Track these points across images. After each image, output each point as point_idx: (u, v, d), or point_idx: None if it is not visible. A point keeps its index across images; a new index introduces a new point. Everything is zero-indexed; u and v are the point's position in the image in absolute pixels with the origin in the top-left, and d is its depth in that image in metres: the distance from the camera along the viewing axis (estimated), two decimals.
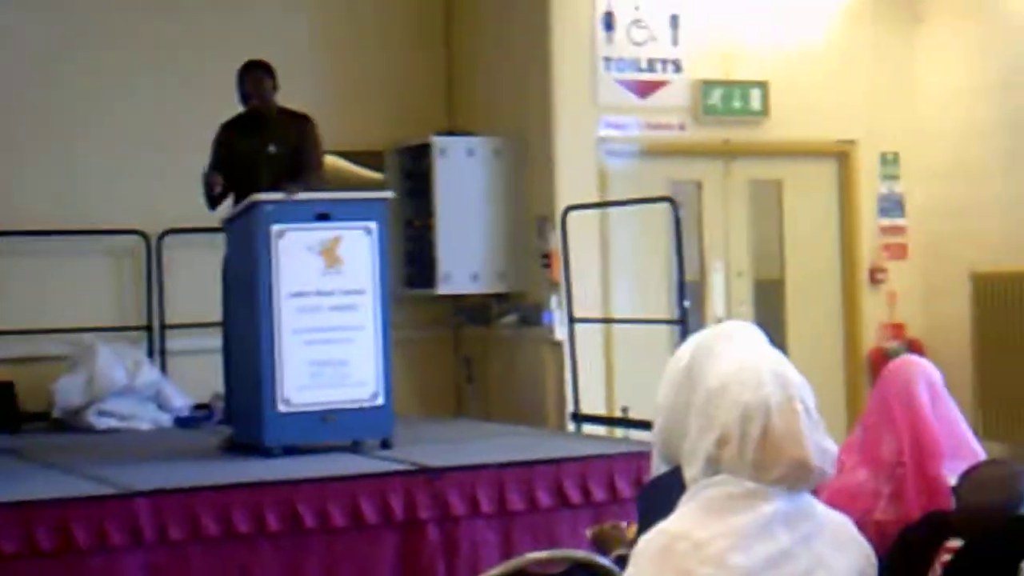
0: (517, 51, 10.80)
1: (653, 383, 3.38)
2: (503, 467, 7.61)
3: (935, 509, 4.32)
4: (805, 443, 2.95)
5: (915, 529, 4.20)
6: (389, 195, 8.76)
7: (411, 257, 11.03)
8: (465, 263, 10.72)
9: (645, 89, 10.72)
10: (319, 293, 8.07)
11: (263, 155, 8.50)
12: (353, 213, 8.20)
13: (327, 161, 9.08)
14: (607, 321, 10.40)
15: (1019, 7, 10.84)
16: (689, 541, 2.89)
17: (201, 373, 9.87)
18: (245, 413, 8.29)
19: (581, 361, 9.98)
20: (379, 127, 11.19)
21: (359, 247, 8.16)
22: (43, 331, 10.19)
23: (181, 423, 10.10)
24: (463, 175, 10.75)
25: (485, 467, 7.60)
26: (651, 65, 10.74)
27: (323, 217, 8.11)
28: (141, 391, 10.07)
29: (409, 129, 11.10)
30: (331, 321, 8.09)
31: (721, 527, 2.90)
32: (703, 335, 3.30)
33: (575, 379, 9.91)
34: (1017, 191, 10.80)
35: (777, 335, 10.11)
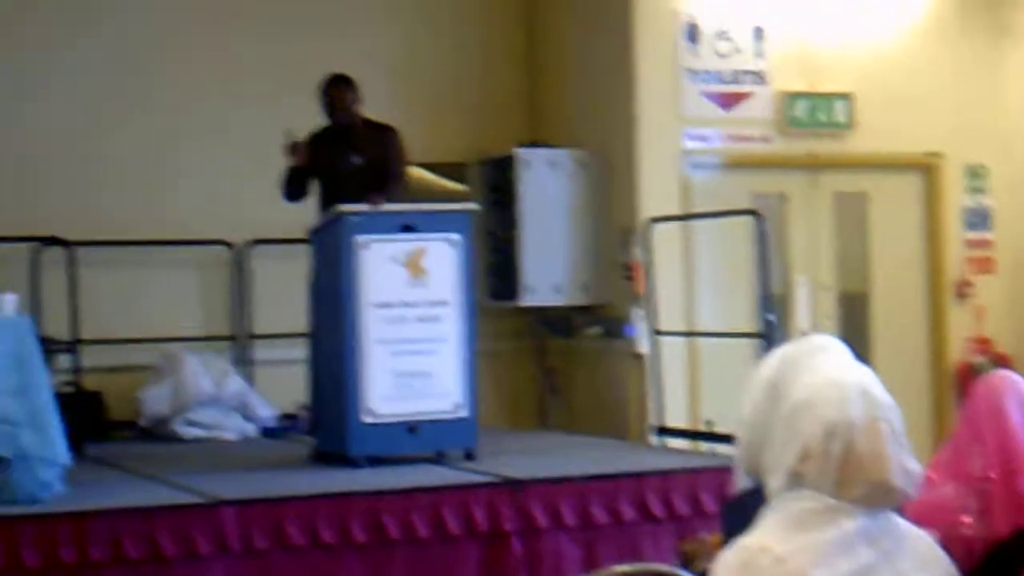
0: (601, 63, 10.80)
1: (737, 397, 3.36)
2: (586, 480, 7.61)
3: None
4: (888, 464, 2.93)
5: (1003, 546, 4.16)
6: (473, 207, 8.79)
7: (495, 269, 11.05)
8: (548, 275, 10.72)
9: (729, 101, 10.69)
10: (404, 304, 8.10)
11: (348, 167, 8.54)
12: (437, 225, 8.23)
13: (411, 173, 9.11)
14: (690, 334, 10.37)
15: None
16: (770, 556, 2.87)
17: (286, 383, 9.93)
18: (330, 424, 8.33)
19: (664, 374, 9.96)
20: (463, 139, 11.23)
21: (443, 259, 8.18)
22: (131, 341, 10.28)
23: (267, 433, 10.17)
24: (546, 187, 10.76)
25: (568, 480, 7.60)
26: (735, 77, 10.71)
27: (408, 228, 8.14)
28: (227, 401, 10.14)
29: (493, 141, 11.13)
30: (416, 332, 8.12)
31: (803, 542, 2.88)
32: (788, 348, 3.28)
33: (658, 392, 9.89)
34: None
35: (862, 349, 10.03)
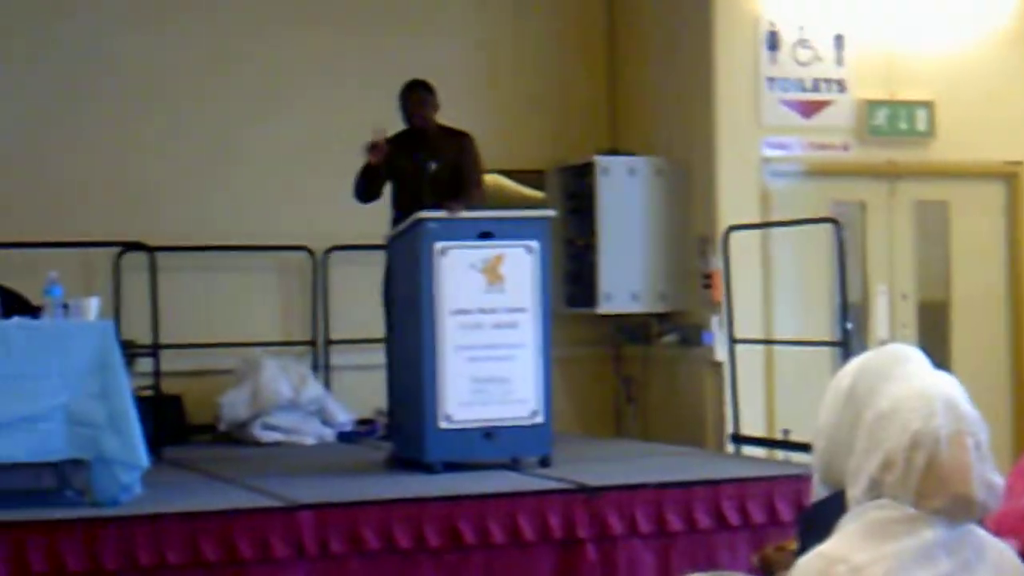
0: (680, 70, 10.79)
1: (814, 405, 3.35)
2: (662, 487, 7.59)
3: None
4: (971, 478, 2.91)
5: None
6: (551, 214, 8.79)
7: (572, 276, 11.06)
8: (626, 282, 10.72)
9: (809, 109, 10.65)
10: (481, 311, 8.12)
11: (425, 173, 8.55)
12: (515, 232, 8.24)
13: (489, 179, 9.13)
14: (768, 342, 10.34)
15: None
16: (847, 565, 2.86)
17: (363, 388, 9.99)
18: (407, 429, 8.37)
19: (741, 382, 9.92)
20: (541, 146, 11.24)
21: (521, 265, 8.19)
22: (211, 345, 10.37)
23: (344, 438, 10.22)
24: (625, 194, 10.76)
25: (644, 487, 7.59)
26: (815, 85, 10.67)
27: (486, 235, 8.15)
28: (305, 406, 10.19)
29: (571, 148, 11.15)
30: (493, 339, 8.14)
31: (880, 551, 2.87)
32: (866, 357, 3.27)
33: (735, 400, 9.85)
34: None
35: (941, 358, 9.96)
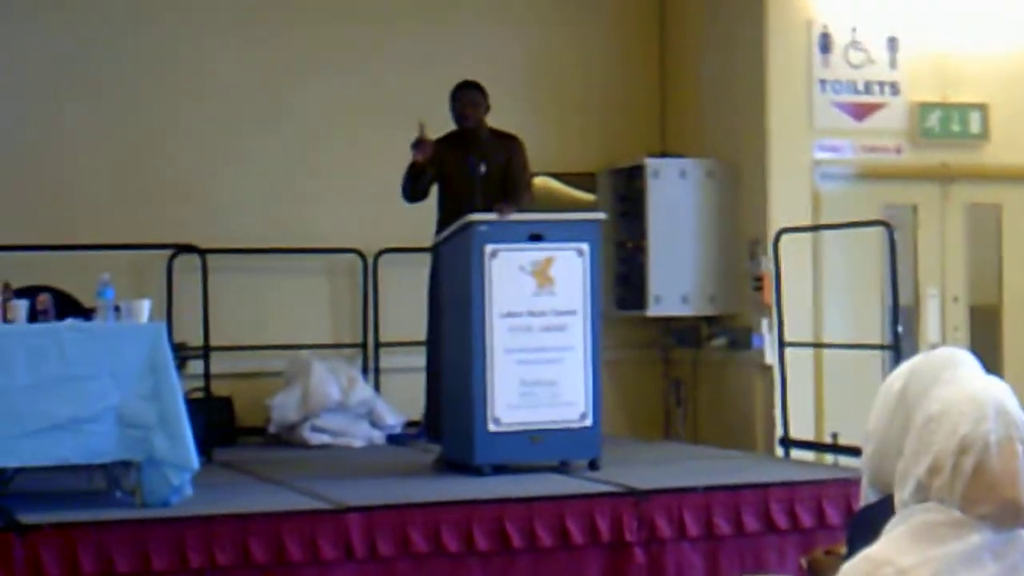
0: (732, 72, 10.76)
1: (864, 409, 3.33)
2: (710, 491, 7.58)
3: None
4: (1020, 484, 2.88)
5: None
6: (601, 216, 8.78)
7: (622, 278, 11.04)
8: (676, 285, 10.70)
9: (861, 112, 10.60)
10: (531, 313, 8.11)
11: (475, 175, 8.55)
12: (565, 234, 8.23)
13: (539, 182, 9.12)
14: (818, 346, 10.29)
15: None
16: (894, 568, 2.85)
17: (412, 390, 9.97)
18: (456, 431, 8.37)
19: (791, 386, 9.88)
20: (592, 149, 11.23)
21: (571, 268, 8.18)
22: (261, 347, 10.41)
23: (393, 440, 10.23)
24: (675, 197, 10.73)
25: (692, 490, 7.57)
26: (868, 87, 10.62)
27: (536, 238, 8.15)
28: (354, 408, 10.20)
29: (622, 151, 11.13)
30: (542, 341, 8.13)
31: (926, 555, 2.85)
32: (918, 361, 3.25)
33: (784, 404, 9.82)
34: None
35: (992, 362, 9.90)
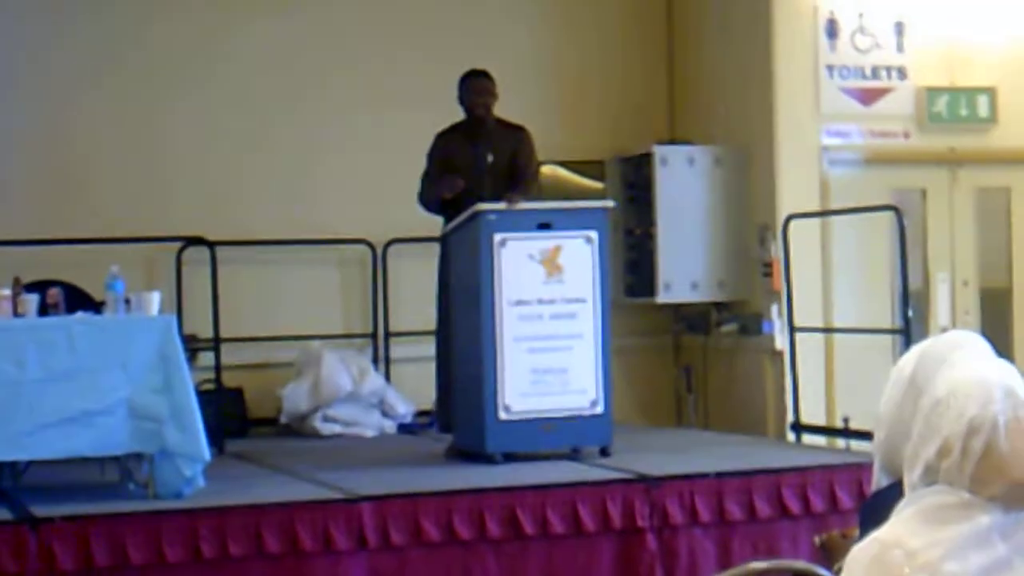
0: (739, 59, 10.75)
1: (875, 393, 3.34)
2: (722, 476, 7.59)
3: None
4: None
5: None
6: (610, 204, 8.78)
7: (631, 266, 11.04)
8: (685, 272, 10.70)
9: (869, 97, 10.59)
10: (540, 301, 8.13)
11: (483, 164, 8.57)
12: (574, 222, 8.25)
13: (547, 170, 9.13)
14: (828, 331, 10.29)
15: None
16: (903, 550, 2.86)
17: (423, 380, 9.99)
18: (467, 420, 8.39)
19: (801, 371, 9.88)
20: (600, 137, 11.23)
21: (580, 256, 8.20)
22: (272, 339, 10.42)
23: (404, 429, 10.25)
24: (684, 184, 10.73)
25: (704, 476, 7.59)
26: (875, 72, 10.61)
27: (545, 226, 8.16)
28: (366, 398, 10.22)
29: (630, 138, 11.12)
30: (552, 329, 8.15)
31: (935, 536, 2.87)
32: (928, 344, 3.25)
33: (795, 389, 9.82)
34: None
35: (1003, 345, 9.89)
